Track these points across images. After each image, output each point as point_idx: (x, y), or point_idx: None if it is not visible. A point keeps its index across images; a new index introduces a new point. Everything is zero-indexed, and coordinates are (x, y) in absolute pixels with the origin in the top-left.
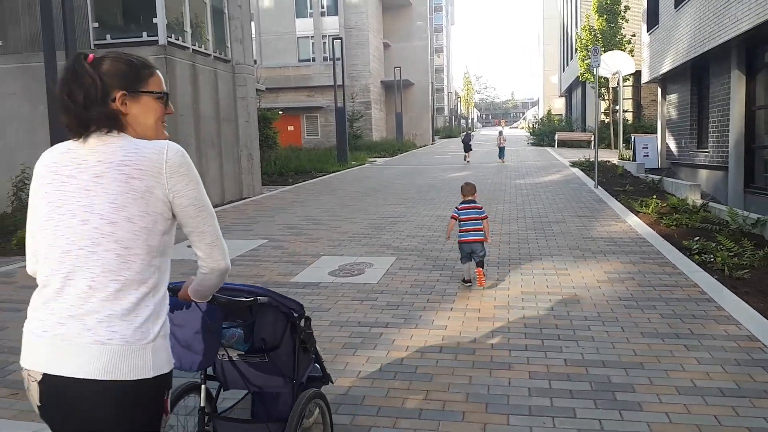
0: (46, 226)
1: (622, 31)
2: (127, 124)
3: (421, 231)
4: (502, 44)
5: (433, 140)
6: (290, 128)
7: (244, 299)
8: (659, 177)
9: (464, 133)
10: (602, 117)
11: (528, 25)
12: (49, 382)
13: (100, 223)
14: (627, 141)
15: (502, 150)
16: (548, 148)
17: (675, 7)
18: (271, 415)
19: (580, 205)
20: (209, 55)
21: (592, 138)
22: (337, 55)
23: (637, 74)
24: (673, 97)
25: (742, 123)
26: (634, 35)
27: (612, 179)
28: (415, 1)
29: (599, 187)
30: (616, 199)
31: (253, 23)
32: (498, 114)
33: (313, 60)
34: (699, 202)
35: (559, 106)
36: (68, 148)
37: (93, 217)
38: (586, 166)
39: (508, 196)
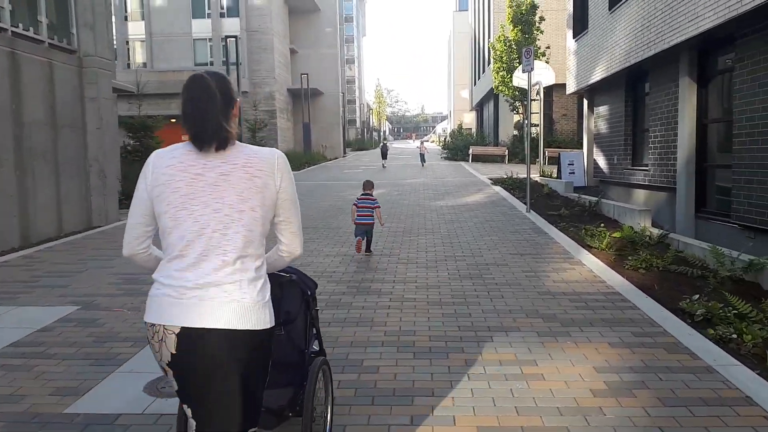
0: (179, 214)
1: (537, 42)
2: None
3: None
4: (413, 58)
5: (345, 153)
6: (184, 138)
7: (284, 275)
8: (595, 199)
9: (382, 144)
10: (514, 131)
11: (438, 39)
12: (187, 334)
13: (230, 212)
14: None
15: (422, 156)
16: (463, 163)
17: (609, 9)
18: (279, 383)
19: (517, 236)
20: (41, 41)
21: (506, 153)
22: (239, 58)
23: (547, 88)
24: (603, 110)
25: (693, 138)
26: (548, 47)
27: (541, 200)
28: (324, 6)
29: (531, 211)
30: (555, 226)
31: (143, 23)
32: (409, 128)
33: (211, 64)
34: (654, 231)
35: (468, 120)
36: (188, 150)
37: (224, 207)
38: (509, 184)
39: (430, 223)
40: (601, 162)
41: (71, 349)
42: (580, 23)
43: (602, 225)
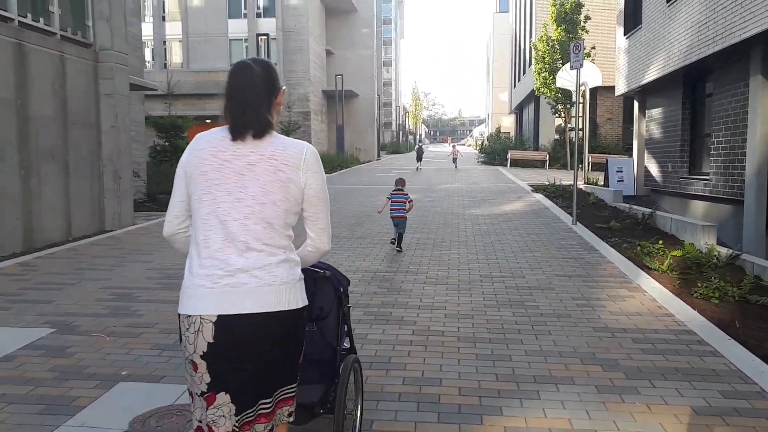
0: (204, 198)
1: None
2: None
3: None
4: (451, 61)
5: (379, 156)
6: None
7: (318, 270)
8: (649, 211)
9: (418, 146)
10: (555, 135)
11: (477, 42)
12: (224, 321)
13: (252, 203)
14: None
15: (455, 160)
16: (501, 168)
17: (668, 2)
18: (311, 379)
19: (563, 253)
20: (53, 33)
21: (547, 158)
22: (273, 59)
23: (591, 90)
24: (656, 113)
25: (766, 145)
26: (594, 47)
27: (587, 210)
28: (361, 7)
29: (578, 223)
30: (606, 242)
31: (180, 23)
32: (445, 131)
33: None
34: (722, 251)
35: (507, 123)
36: (224, 135)
37: (246, 198)
38: (551, 192)
39: (463, 234)
40: (653, 169)
41: (24, 388)
42: (632, 19)
43: (660, 241)
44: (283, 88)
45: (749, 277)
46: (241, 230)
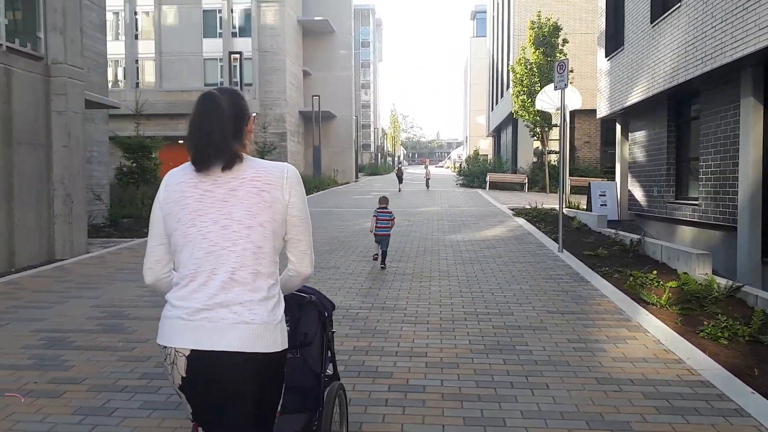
0: (189, 231)
1: None
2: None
3: None
4: (429, 84)
5: (357, 177)
6: None
7: (304, 295)
8: (637, 237)
9: (398, 168)
10: (533, 158)
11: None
12: (197, 356)
13: (238, 228)
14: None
15: (427, 181)
16: (480, 190)
17: (651, 22)
18: (293, 407)
19: (552, 284)
20: None
21: (526, 180)
22: (248, 79)
23: (570, 113)
24: (640, 135)
25: (758, 169)
26: (572, 70)
27: (571, 236)
28: (339, 28)
29: (564, 250)
30: (596, 271)
31: (153, 42)
32: (424, 153)
33: (222, 84)
34: (721, 282)
35: (485, 146)
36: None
37: (232, 223)
38: (533, 216)
39: (445, 263)
40: (638, 193)
41: None
42: (613, 40)
43: (654, 271)
44: (253, 114)
45: (758, 313)
46: (231, 258)
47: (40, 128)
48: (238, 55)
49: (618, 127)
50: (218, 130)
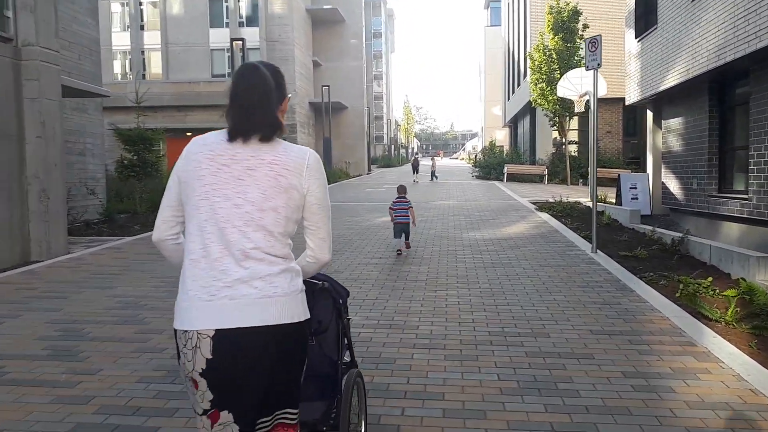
0: (201, 204)
1: (580, 51)
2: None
3: None
4: (443, 75)
5: (370, 170)
6: None
7: (317, 282)
8: (680, 235)
9: (414, 158)
10: (552, 149)
11: (469, 56)
12: (222, 335)
13: (251, 209)
14: (584, 176)
15: (433, 173)
16: (497, 183)
17: None
18: (311, 396)
19: (591, 295)
20: None
21: (545, 172)
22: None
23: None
24: (675, 123)
25: None
26: None
27: (602, 233)
28: (349, 18)
29: (598, 251)
30: (638, 276)
31: (159, 32)
32: (438, 145)
33: (229, 75)
34: None
35: (501, 137)
36: (221, 138)
37: (246, 204)
38: (558, 211)
39: (462, 266)
40: (673, 186)
41: None
42: (644, 20)
43: (709, 278)
44: (289, 95)
45: None
46: (240, 238)
47: (10, 117)
48: (240, 42)
49: (649, 114)
50: (265, 100)
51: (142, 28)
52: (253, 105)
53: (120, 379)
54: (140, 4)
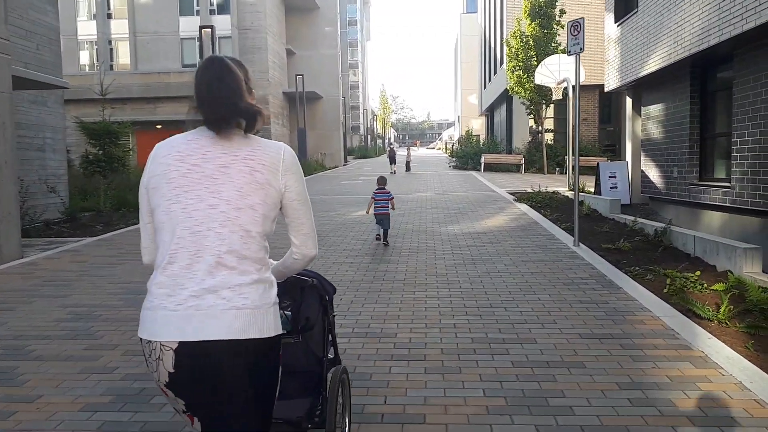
0: (172, 208)
1: (557, 38)
2: None
3: None
4: (419, 64)
5: (346, 161)
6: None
7: (306, 279)
8: (662, 226)
9: (389, 149)
10: (529, 137)
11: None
12: (186, 348)
13: (227, 209)
14: (560, 165)
15: (408, 164)
16: (474, 173)
17: None
18: (296, 393)
19: (576, 293)
20: None
21: (522, 161)
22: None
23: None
24: (655, 109)
25: None
26: None
27: (582, 223)
28: (323, 4)
29: (580, 244)
30: (623, 270)
31: (126, 21)
32: (414, 134)
33: None
34: None
35: (477, 126)
36: (188, 139)
37: (221, 203)
38: (537, 201)
39: (441, 263)
40: (653, 174)
41: None
42: (624, 3)
43: (697, 272)
44: (253, 90)
45: None
46: (216, 241)
47: None
48: (210, 30)
49: (628, 101)
50: (238, 90)
51: (109, 16)
52: (227, 95)
53: (61, 407)
54: None
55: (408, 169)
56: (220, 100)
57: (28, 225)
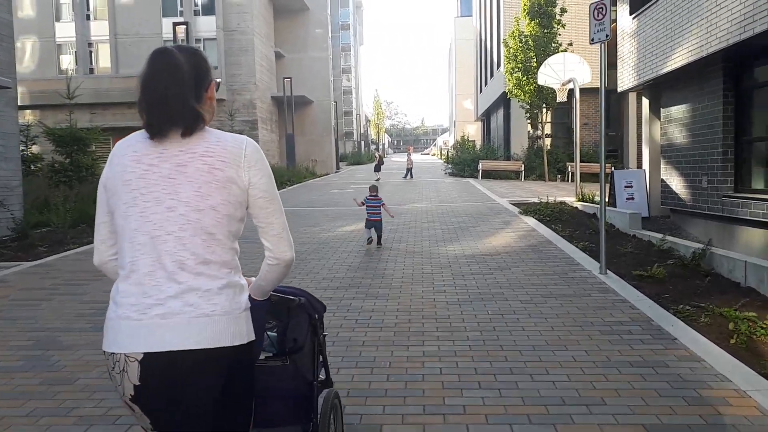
0: (130, 212)
1: (558, 38)
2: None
3: None
4: (413, 69)
5: (338, 167)
6: None
7: (293, 298)
8: (701, 248)
9: (377, 155)
10: (528, 143)
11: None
12: (151, 360)
13: (186, 211)
14: (561, 172)
15: (409, 170)
16: (472, 180)
17: None
18: (286, 419)
19: (624, 350)
20: None
21: (522, 168)
22: (213, 62)
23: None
24: (678, 110)
25: None
26: (571, 44)
27: (598, 240)
28: (313, 5)
29: (608, 272)
30: (673, 312)
31: (107, 22)
32: (409, 140)
33: None
34: None
35: (472, 131)
36: (146, 137)
37: (179, 205)
38: (546, 214)
39: (442, 299)
40: (676, 184)
41: None
42: None
43: (752, 314)
44: (217, 80)
45: None
46: (176, 246)
47: None
48: (184, 27)
49: (645, 102)
50: (176, 89)
51: (88, 17)
52: (165, 95)
53: None
54: None
55: (410, 176)
56: (157, 102)
57: None
